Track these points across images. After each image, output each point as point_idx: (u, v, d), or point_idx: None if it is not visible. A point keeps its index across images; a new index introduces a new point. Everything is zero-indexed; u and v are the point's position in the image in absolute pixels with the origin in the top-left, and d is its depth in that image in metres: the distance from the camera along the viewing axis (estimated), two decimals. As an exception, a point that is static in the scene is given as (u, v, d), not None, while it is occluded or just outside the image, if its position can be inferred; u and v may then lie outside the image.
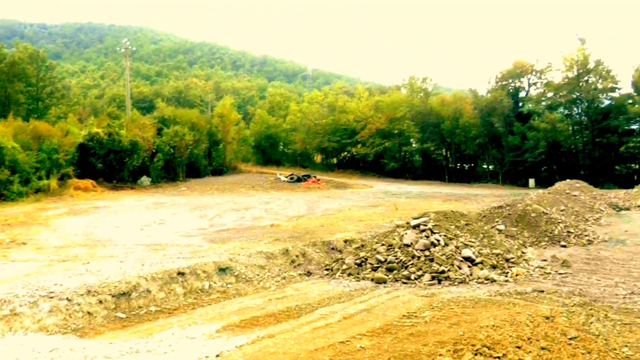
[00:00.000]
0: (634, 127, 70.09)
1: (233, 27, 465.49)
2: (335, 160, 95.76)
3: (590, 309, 10.60)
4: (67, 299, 11.17)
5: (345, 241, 19.47)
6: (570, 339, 8.52)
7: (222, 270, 14.56)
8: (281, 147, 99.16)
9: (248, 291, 13.72)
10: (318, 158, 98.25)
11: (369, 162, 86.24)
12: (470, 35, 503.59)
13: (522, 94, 79.29)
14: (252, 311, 11.60)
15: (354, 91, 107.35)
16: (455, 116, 76.93)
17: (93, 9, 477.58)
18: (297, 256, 17.08)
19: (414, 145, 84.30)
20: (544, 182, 59.19)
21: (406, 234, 16.19)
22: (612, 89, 70.69)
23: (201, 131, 69.51)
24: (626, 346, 8.52)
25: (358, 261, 15.87)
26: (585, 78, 70.47)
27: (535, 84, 78.26)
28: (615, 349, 8.34)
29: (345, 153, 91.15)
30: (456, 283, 13.90)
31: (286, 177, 65.50)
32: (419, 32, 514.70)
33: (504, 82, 77.51)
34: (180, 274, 13.55)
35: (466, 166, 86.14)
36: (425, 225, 16.51)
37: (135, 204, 36.67)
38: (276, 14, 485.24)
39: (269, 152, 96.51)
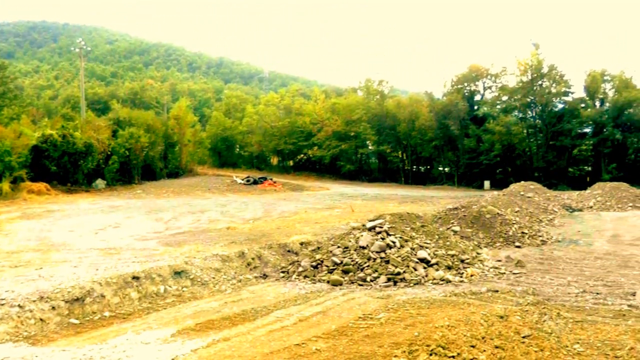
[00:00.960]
0: (587, 130, 71.60)
1: (189, 27, 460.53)
2: (291, 163, 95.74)
3: (543, 308, 10.74)
4: (18, 305, 10.93)
5: (302, 243, 19.45)
6: (523, 337, 8.63)
7: (178, 273, 14.42)
8: (237, 150, 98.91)
9: (204, 294, 13.62)
10: (274, 160, 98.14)
11: (326, 165, 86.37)
12: (427, 37, 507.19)
13: (477, 98, 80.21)
14: (207, 314, 11.51)
15: (310, 93, 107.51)
16: (411, 119, 77.41)
17: (47, 8, 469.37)
18: (253, 259, 17.02)
19: (370, 147, 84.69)
20: (499, 184, 59.96)
21: (362, 236, 16.23)
22: (565, 93, 72.06)
23: (157, 133, 68.82)
24: (578, 343, 8.66)
25: (314, 263, 15.86)
26: (539, 82, 71.70)
27: (490, 87, 79.38)
28: (567, 346, 8.47)
29: (302, 155, 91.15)
30: (412, 284, 13.97)
31: (242, 179, 65.25)
32: (377, 34, 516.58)
33: (459, 86, 78.29)
34: (135, 278, 13.38)
35: (422, 168, 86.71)
36: (381, 227, 16.56)
37: (90, 208, 36.18)
38: (232, 14, 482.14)
39: (225, 154, 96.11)
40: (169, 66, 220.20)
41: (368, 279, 14.35)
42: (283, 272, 16.38)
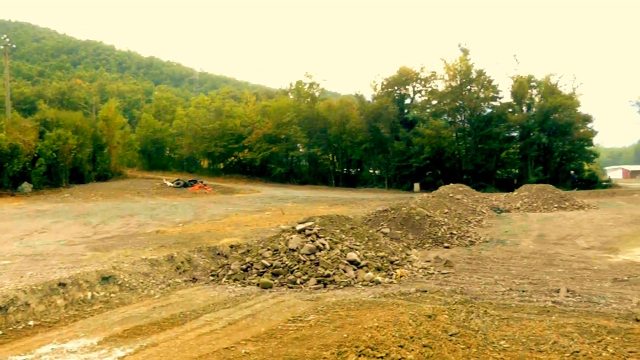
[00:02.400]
0: (514, 134, 73.69)
1: (120, 25, 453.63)
2: (222, 165, 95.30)
3: (471, 306, 10.85)
4: None
5: (231, 246, 19.26)
6: (451, 335, 8.71)
7: (106, 279, 14.06)
8: (167, 152, 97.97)
9: (132, 300, 13.31)
10: (205, 163, 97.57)
11: (256, 167, 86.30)
12: (359, 40, 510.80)
13: (407, 101, 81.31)
14: (135, 320, 11.24)
15: (241, 96, 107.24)
16: (342, 121, 78.01)
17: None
18: (182, 262, 16.73)
19: (300, 150, 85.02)
20: (429, 187, 60.87)
21: (292, 238, 16.14)
22: (494, 98, 74.15)
23: (85, 135, 67.39)
24: (503, 339, 8.77)
25: (244, 266, 15.70)
26: (468, 87, 73.23)
27: (420, 91, 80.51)
28: (493, 343, 8.57)
29: (232, 158, 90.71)
30: (341, 286, 13.95)
31: (172, 182, 64.61)
32: (309, 36, 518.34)
33: (389, 89, 79.09)
34: (62, 284, 12.98)
35: (353, 171, 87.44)
36: (311, 230, 16.52)
37: (16, 212, 35.30)
38: (164, 12, 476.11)
39: (155, 157, 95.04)
40: (97, 66, 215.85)
41: (298, 281, 14.28)
42: (213, 275, 16.16)
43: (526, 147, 70.49)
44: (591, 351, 8.05)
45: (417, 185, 68.53)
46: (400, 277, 14.96)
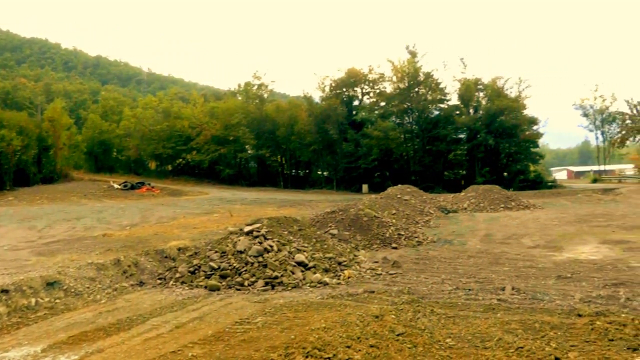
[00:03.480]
0: (461, 136, 74.64)
1: (66, 22, 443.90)
2: (170, 167, 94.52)
3: (418, 306, 10.94)
4: None
5: (179, 249, 19.08)
6: (398, 335, 8.76)
7: (51, 284, 13.78)
8: (115, 154, 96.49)
9: (77, 305, 13.07)
10: (153, 165, 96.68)
11: (205, 169, 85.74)
12: (308, 41, 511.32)
13: (355, 103, 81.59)
14: (81, 326, 11.03)
15: (189, 97, 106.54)
16: (290, 123, 77.99)
17: None
18: (129, 266, 16.50)
19: (249, 151, 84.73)
20: (377, 188, 61.10)
21: (239, 240, 16.07)
22: (441, 100, 75.09)
23: (30, 136, 66.25)
24: (450, 337, 8.88)
25: (191, 269, 15.57)
26: (416, 89, 73.76)
27: (368, 93, 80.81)
28: (439, 341, 8.66)
29: (180, 160, 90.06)
30: (289, 288, 13.93)
31: (120, 184, 63.95)
32: (258, 37, 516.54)
33: (338, 91, 79.30)
34: (4, 291, 12.67)
35: (301, 172, 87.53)
36: (259, 232, 16.47)
37: (-44, 217, 34.54)
38: (111, 11, 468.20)
39: (102, 158, 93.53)
40: (43, 65, 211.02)
41: (246, 283, 14.21)
42: (160, 278, 15.98)
43: (473, 149, 71.53)
44: (535, 346, 8.20)
45: (365, 187, 68.86)
46: (348, 278, 15.00)
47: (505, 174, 70.65)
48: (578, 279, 14.13)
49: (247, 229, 16.92)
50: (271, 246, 15.66)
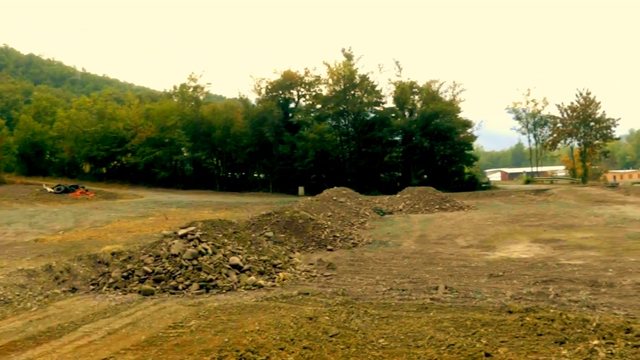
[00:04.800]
0: (397, 138, 75.58)
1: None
2: (104, 170, 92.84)
3: (351, 307, 11.01)
4: None
5: (113, 254, 18.77)
6: (331, 336, 8.81)
7: (-23, 293, 13.46)
8: (48, 156, 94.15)
9: (7, 314, 12.70)
10: (87, 167, 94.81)
11: (140, 172, 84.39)
12: (244, 43, 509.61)
13: (292, 105, 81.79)
14: (10, 336, 10.70)
15: (124, 98, 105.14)
16: (226, 125, 77.74)
17: None
18: (61, 272, 16.15)
19: (185, 154, 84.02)
20: (313, 190, 61.06)
21: (174, 244, 15.90)
22: (377, 103, 75.83)
23: (-41, 138, 64.35)
24: (383, 337, 8.95)
25: (125, 274, 15.32)
26: (352, 92, 74.29)
27: (304, 95, 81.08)
28: (372, 341, 8.73)
29: (115, 162, 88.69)
30: (224, 291, 13.86)
31: (53, 188, 62.53)
32: (194, 38, 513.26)
33: (274, 93, 79.37)
34: None
35: (237, 175, 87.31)
36: (193, 235, 16.33)
37: None
38: (43, 8, 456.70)
39: (35, 161, 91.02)
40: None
41: (180, 287, 14.08)
42: (93, 284, 15.68)
43: (409, 151, 72.50)
44: (466, 343, 8.34)
45: (301, 189, 68.98)
46: (283, 280, 15.00)
47: (440, 175, 71.70)
48: (510, 277, 14.46)
49: (181, 232, 16.76)
50: (206, 249, 15.55)
